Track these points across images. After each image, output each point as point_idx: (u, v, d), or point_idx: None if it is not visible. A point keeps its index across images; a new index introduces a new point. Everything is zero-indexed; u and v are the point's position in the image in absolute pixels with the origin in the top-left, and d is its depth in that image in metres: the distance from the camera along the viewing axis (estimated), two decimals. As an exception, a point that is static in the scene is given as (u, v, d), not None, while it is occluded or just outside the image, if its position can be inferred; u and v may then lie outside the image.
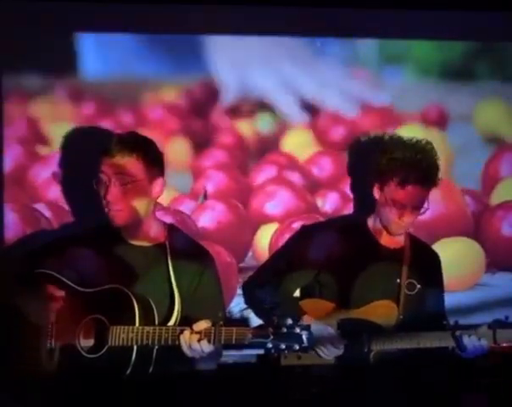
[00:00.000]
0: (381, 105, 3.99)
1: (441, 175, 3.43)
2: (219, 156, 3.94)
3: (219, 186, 3.91)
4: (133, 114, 3.88)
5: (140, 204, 3.11)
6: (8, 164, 3.80)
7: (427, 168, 3.36)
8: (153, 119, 3.90)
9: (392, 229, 3.44)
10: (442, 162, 3.45)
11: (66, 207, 3.81)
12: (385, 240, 3.50)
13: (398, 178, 3.34)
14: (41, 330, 3.04)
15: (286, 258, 3.60)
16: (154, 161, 3.14)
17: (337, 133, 3.99)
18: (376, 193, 3.45)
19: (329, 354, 3.31)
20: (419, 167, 3.34)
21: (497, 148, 4.08)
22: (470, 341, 3.27)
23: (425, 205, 3.39)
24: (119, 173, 3.06)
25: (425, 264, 3.53)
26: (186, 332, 2.93)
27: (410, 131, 3.66)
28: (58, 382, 2.98)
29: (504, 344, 3.35)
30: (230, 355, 3.58)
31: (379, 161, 3.42)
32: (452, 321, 3.36)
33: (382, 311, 3.40)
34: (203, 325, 2.93)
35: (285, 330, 2.82)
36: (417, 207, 3.37)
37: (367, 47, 4.01)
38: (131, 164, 3.08)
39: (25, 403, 2.99)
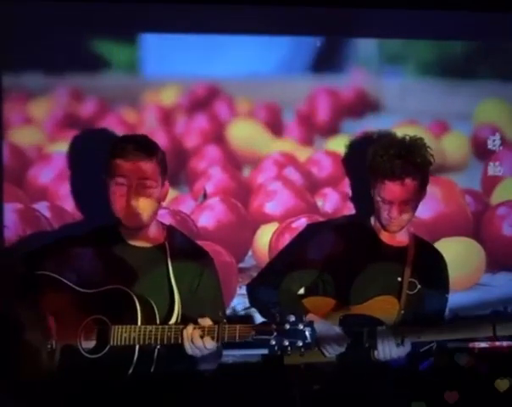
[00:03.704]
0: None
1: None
2: (218, 155, 3.94)
3: (219, 186, 3.90)
4: (133, 114, 3.88)
5: (154, 207, 3.14)
6: (8, 164, 3.80)
7: (408, 163, 3.36)
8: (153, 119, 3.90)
9: (387, 226, 3.45)
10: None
11: (66, 207, 3.81)
12: (387, 238, 3.51)
13: (381, 175, 3.37)
14: (42, 331, 3.04)
15: (292, 257, 3.61)
16: (165, 165, 3.16)
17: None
18: (372, 192, 3.46)
19: (333, 352, 3.32)
20: (398, 162, 3.34)
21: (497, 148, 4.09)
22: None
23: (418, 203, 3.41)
24: (142, 178, 3.07)
25: (429, 266, 3.52)
26: (189, 328, 2.93)
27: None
28: (59, 383, 2.98)
29: (504, 344, 3.37)
30: (231, 355, 3.59)
31: (369, 159, 3.44)
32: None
33: (384, 306, 3.41)
34: (207, 321, 2.94)
35: (288, 326, 2.83)
36: (404, 202, 3.38)
37: (367, 47, 4.02)
38: (152, 169, 3.10)
39: (26, 404, 2.99)
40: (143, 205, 3.09)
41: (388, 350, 3.27)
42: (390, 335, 3.28)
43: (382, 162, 3.36)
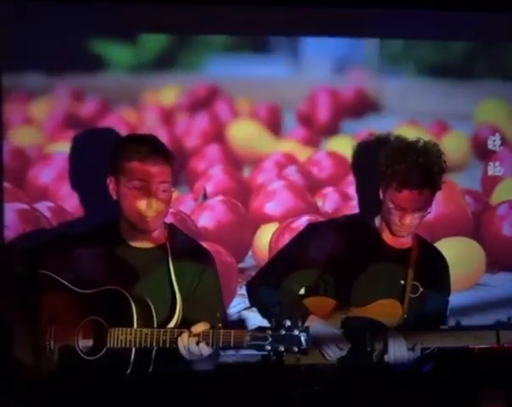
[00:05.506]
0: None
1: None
2: (219, 155, 3.94)
3: (219, 186, 3.90)
4: (133, 114, 3.88)
5: (168, 211, 3.15)
6: (9, 164, 3.80)
7: (427, 172, 3.34)
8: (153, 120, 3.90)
9: (395, 231, 3.43)
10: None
11: (66, 207, 3.81)
12: (391, 240, 3.49)
13: (397, 182, 3.34)
14: (41, 331, 3.04)
15: (292, 256, 3.59)
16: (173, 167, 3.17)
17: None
18: (381, 195, 3.45)
19: (334, 355, 3.32)
20: (417, 171, 3.32)
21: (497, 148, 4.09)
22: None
23: (429, 208, 3.40)
24: (162, 182, 3.06)
25: (432, 268, 3.51)
26: (185, 335, 2.92)
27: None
28: (56, 384, 2.98)
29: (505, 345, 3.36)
30: (231, 355, 3.58)
31: (382, 164, 3.42)
32: (454, 322, 3.37)
33: (387, 310, 3.40)
34: (201, 327, 2.92)
35: (283, 332, 2.81)
36: (418, 209, 3.36)
37: (367, 47, 4.02)
38: (168, 172, 3.09)
39: (25, 404, 2.99)
40: (162, 209, 3.08)
41: (400, 353, 3.26)
42: (402, 338, 3.27)
43: (400, 170, 3.32)
